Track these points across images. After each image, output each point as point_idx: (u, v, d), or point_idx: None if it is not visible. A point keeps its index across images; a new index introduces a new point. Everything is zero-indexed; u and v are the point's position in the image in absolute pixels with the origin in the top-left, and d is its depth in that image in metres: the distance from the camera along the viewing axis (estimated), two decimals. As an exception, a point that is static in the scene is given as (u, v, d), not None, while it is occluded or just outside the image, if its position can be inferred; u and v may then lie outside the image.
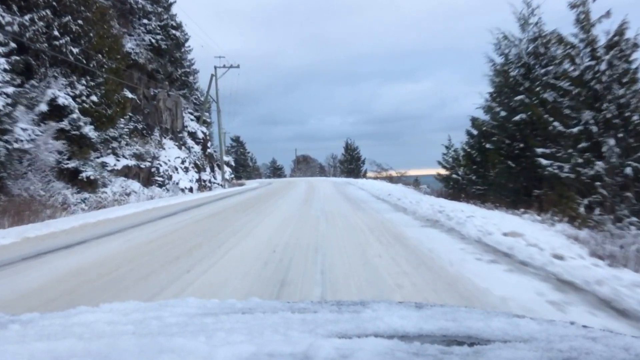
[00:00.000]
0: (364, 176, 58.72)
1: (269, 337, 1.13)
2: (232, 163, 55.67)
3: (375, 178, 38.20)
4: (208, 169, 30.02)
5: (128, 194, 18.14)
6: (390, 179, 34.86)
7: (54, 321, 1.36)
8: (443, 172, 19.07)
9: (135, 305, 1.58)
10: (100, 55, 18.34)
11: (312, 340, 1.07)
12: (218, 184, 30.72)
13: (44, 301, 4.39)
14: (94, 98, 17.52)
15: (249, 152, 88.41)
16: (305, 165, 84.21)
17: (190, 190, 24.85)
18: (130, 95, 22.21)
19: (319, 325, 1.25)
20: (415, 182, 27.40)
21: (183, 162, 25.97)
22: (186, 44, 32.37)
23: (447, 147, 19.92)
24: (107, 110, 17.97)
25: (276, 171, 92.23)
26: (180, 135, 27.77)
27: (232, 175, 53.40)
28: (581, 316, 3.49)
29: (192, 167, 27.51)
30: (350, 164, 65.41)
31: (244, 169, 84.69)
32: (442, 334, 1.21)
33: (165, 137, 25.95)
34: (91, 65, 18.12)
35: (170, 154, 25.00)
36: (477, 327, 1.25)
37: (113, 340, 1.10)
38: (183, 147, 28.02)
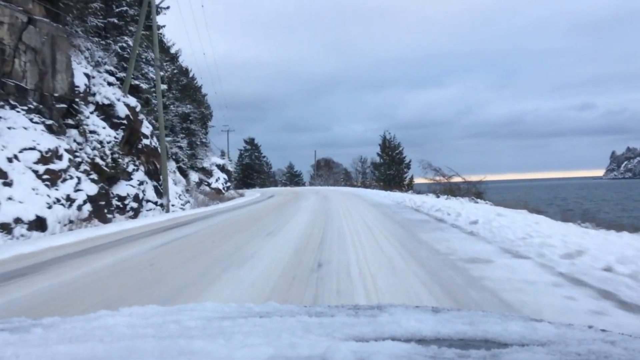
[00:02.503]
0: (410, 186, 43.16)
1: (286, 340, 1.13)
2: (230, 167, 41.06)
3: (444, 192, 23.22)
4: (139, 176, 15.98)
5: None
6: (479, 196, 19.93)
7: (75, 325, 1.39)
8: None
9: (154, 309, 1.60)
10: None
11: (330, 343, 1.08)
12: (157, 203, 16.35)
13: None
14: None
15: (264, 157, 75.74)
16: (327, 171, 69.78)
17: (40, 226, 10.52)
18: None
19: (336, 328, 1.27)
20: None
21: (46, 159, 11.72)
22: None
23: None
24: None
25: (293, 178, 78.82)
26: (64, 105, 13.68)
27: (228, 185, 38.41)
28: None
29: (84, 172, 13.27)
30: (390, 169, 48.96)
31: (258, 175, 72.74)
32: (459, 338, 1.21)
33: (13, 106, 11.81)
34: None
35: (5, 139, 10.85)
36: (494, 331, 1.25)
37: (133, 343, 1.11)
38: (74, 132, 13.83)
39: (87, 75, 15.57)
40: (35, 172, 11.30)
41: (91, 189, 13.23)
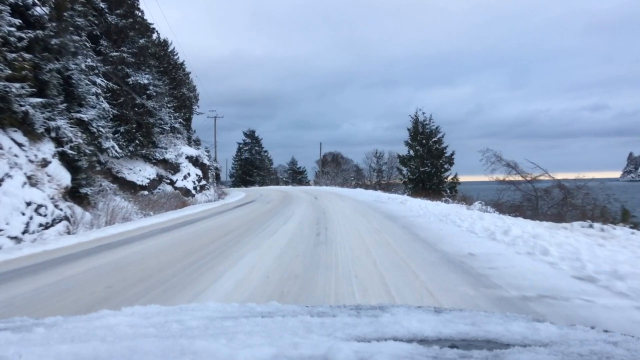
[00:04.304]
0: (454, 190, 32.17)
1: (288, 340, 1.13)
2: (205, 160, 31.93)
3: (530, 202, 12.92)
4: None
5: None
6: None
7: (78, 324, 1.37)
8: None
9: (156, 309, 1.58)
10: None
11: (332, 343, 1.07)
12: None
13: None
14: None
15: (265, 151, 69.19)
16: (335, 168, 58.08)
17: None
18: None
19: (338, 328, 1.26)
20: None
21: None
22: None
23: None
24: None
25: (296, 175, 69.43)
26: None
27: (202, 183, 29.48)
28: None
29: None
30: (424, 164, 33.70)
31: (258, 171, 67.07)
32: (461, 338, 1.20)
33: None
34: None
35: None
36: (496, 331, 1.24)
37: (135, 342, 1.10)
38: None
39: None
40: None
41: None
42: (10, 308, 4.35)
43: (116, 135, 18.78)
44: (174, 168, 25.27)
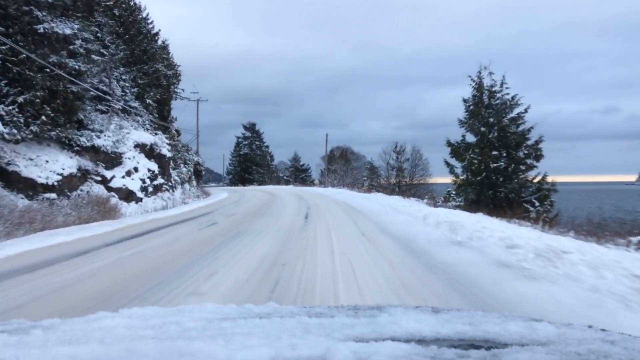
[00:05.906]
0: (545, 200, 18.51)
1: (286, 341, 1.14)
2: (165, 150, 22.86)
3: None
4: None
5: None
6: None
7: (75, 326, 1.38)
8: None
9: (154, 310, 1.60)
10: None
11: (330, 343, 1.08)
12: None
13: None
14: None
15: (267, 147, 63.36)
16: (344, 166, 50.88)
17: None
18: None
19: (336, 329, 1.27)
20: None
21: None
22: None
23: None
24: None
25: (299, 173, 66.02)
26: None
27: (158, 182, 21.06)
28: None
29: None
30: (493, 158, 19.31)
31: (258, 168, 61.10)
32: (459, 338, 1.21)
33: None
34: None
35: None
36: (494, 330, 1.25)
37: (133, 344, 1.12)
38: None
39: None
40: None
41: None
42: None
43: (10, 108, 13.08)
44: (111, 160, 17.73)
